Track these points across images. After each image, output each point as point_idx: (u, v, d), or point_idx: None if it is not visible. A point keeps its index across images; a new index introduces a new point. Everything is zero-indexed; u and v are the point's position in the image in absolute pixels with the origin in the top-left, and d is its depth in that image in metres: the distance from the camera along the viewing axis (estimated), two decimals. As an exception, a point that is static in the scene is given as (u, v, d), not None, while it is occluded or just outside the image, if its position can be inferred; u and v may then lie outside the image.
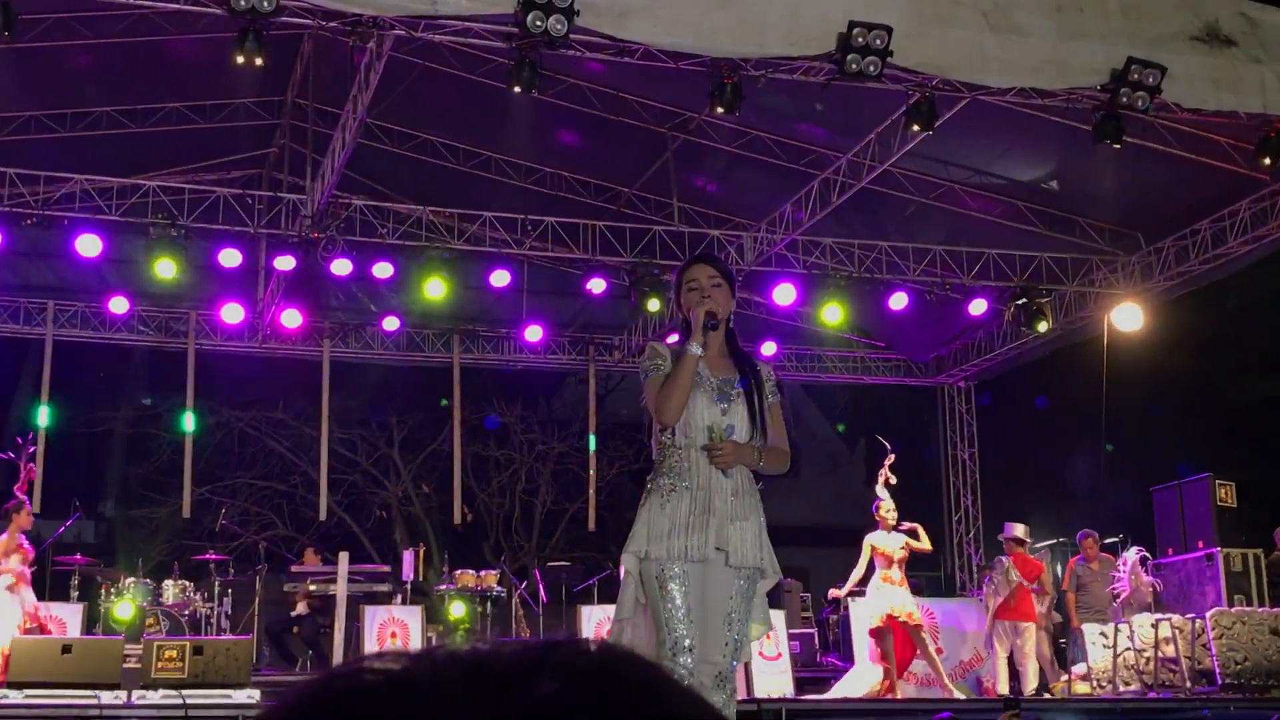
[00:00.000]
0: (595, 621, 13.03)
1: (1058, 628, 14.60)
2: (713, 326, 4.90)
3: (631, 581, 4.79)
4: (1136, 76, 10.53)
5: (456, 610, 13.60)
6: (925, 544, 12.85)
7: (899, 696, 12.28)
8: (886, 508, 12.46)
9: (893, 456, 12.60)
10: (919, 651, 12.59)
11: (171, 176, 14.98)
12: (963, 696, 12.46)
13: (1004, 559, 13.44)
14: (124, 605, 12.87)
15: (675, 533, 4.75)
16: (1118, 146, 11.35)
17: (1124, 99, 10.65)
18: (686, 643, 4.68)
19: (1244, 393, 19.18)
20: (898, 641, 12.41)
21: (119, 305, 16.01)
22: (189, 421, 16.86)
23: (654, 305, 14.58)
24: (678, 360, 4.87)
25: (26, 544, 11.28)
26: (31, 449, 12.24)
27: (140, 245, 13.72)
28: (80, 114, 14.59)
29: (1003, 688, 12.78)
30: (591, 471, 19.02)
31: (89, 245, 13.60)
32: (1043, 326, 15.64)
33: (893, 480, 12.60)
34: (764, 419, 4.98)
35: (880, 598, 12.38)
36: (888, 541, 12.44)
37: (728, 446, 4.84)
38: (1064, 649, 14.37)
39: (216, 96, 15.16)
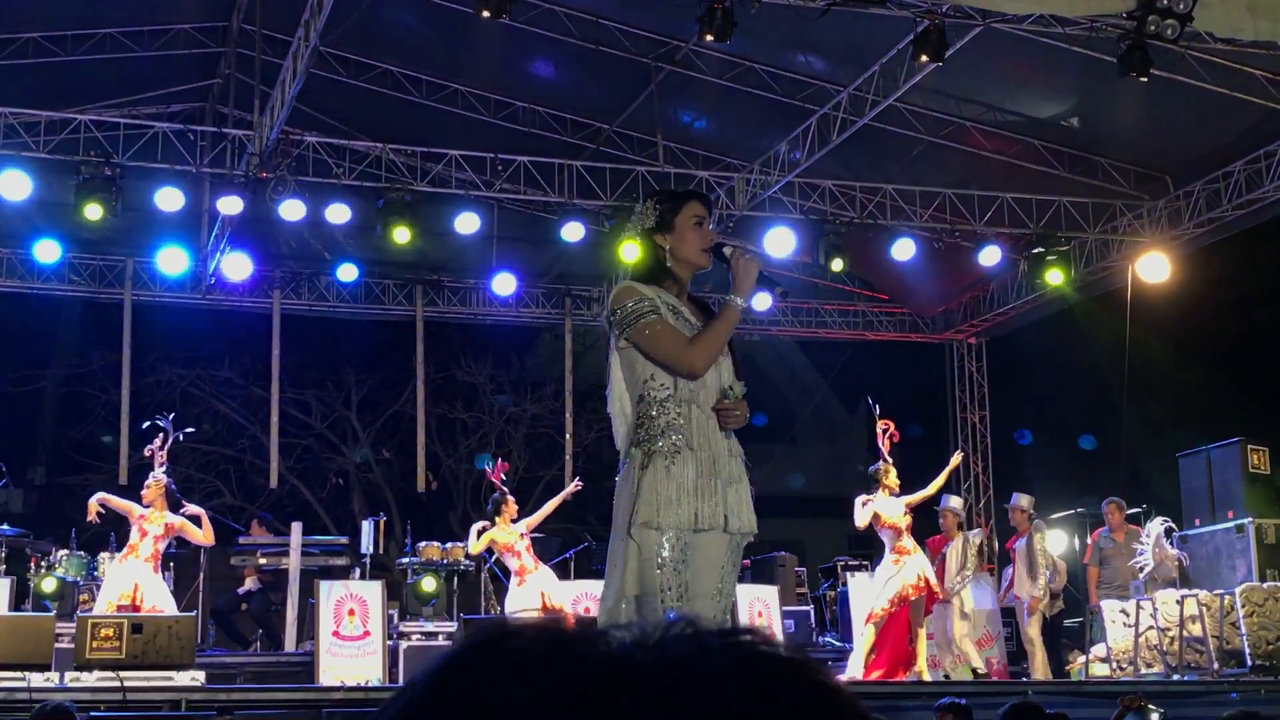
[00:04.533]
0: (572, 597, 13.06)
1: (1069, 604, 14.72)
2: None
3: (635, 554, 4.76)
4: (1166, 2, 10.49)
5: (429, 585, 13.63)
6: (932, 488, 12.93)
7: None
8: (893, 471, 12.46)
9: (885, 423, 12.68)
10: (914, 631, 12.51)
11: (105, 110, 14.85)
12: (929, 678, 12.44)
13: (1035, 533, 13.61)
14: (50, 579, 12.86)
15: (684, 499, 4.74)
16: (1144, 80, 11.34)
17: (1152, 27, 10.62)
18: (678, 621, 4.70)
19: (1279, 350, 19.24)
20: (903, 625, 12.36)
21: (48, 252, 15.91)
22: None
23: (634, 254, 14.48)
24: (721, 309, 4.89)
25: None
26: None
27: (71, 185, 13.61)
28: (4, 40, 14.43)
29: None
30: (568, 436, 19.02)
31: (15, 185, 13.50)
32: (1058, 277, 15.66)
33: (896, 438, 12.65)
34: (739, 371, 5.02)
35: (898, 576, 12.26)
36: (894, 508, 12.41)
37: (741, 406, 4.87)
38: (1080, 628, 14.46)
39: (155, 22, 15.01)
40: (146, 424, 12.76)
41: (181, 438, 13.01)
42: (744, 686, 0.84)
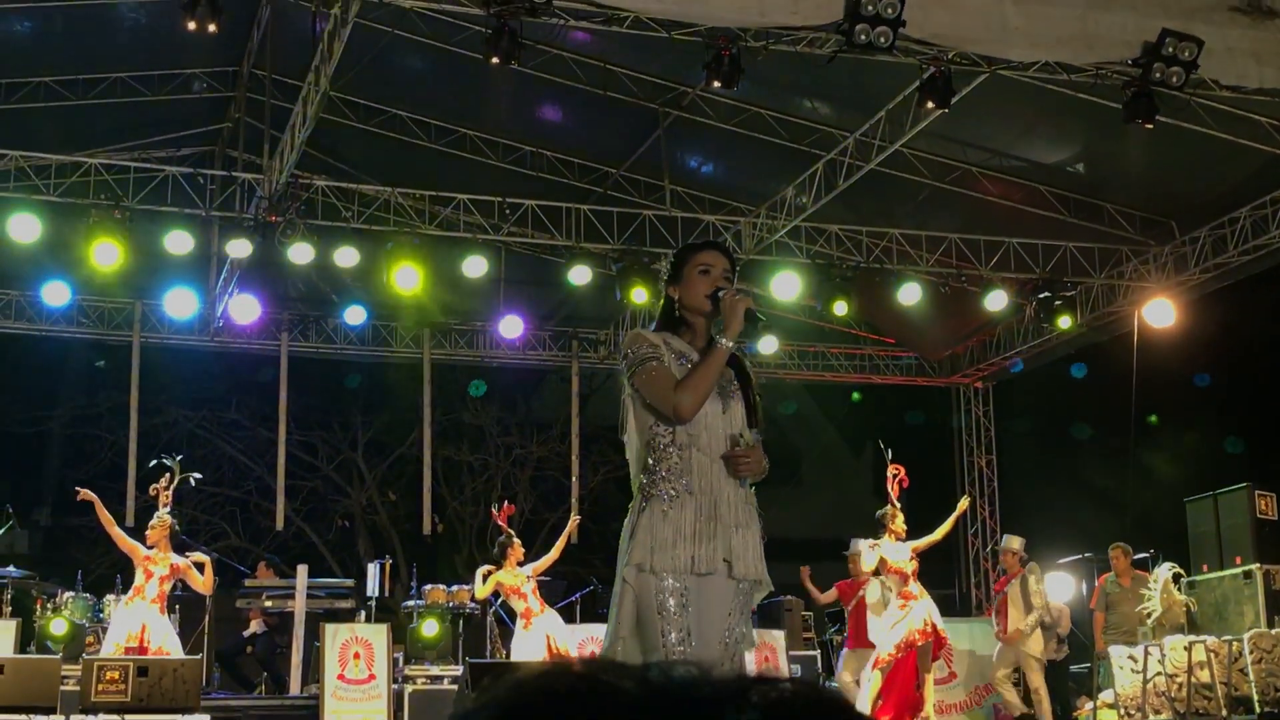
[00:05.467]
0: (579, 641, 13.02)
1: (1075, 650, 14.65)
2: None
3: (630, 596, 4.74)
4: (1171, 50, 10.54)
5: (429, 629, 13.57)
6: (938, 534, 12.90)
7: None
8: (900, 516, 12.45)
9: (896, 468, 12.65)
10: (921, 677, 12.49)
11: (116, 154, 14.92)
12: None
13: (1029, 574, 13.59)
14: (60, 621, 12.84)
15: (680, 543, 4.71)
16: (1150, 126, 11.36)
17: (1157, 74, 10.66)
18: (681, 668, 4.65)
19: (1285, 396, 19.21)
20: (910, 670, 12.32)
21: (57, 294, 15.93)
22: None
23: (641, 297, 14.53)
24: (705, 352, 4.87)
25: None
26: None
27: (81, 228, 13.66)
28: (16, 84, 14.52)
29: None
30: (575, 478, 19.00)
31: (25, 228, 13.54)
32: (1067, 323, 15.66)
33: (906, 483, 12.64)
34: (754, 418, 4.99)
35: (904, 621, 12.24)
36: (901, 554, 12.39)
37: (753, 454, 4.84)
38: (1088, 674, 14.40)
39: (166, 66, 15.10)
40: (154, 463, 12.76)
41: (193, 483, 13.02)
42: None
